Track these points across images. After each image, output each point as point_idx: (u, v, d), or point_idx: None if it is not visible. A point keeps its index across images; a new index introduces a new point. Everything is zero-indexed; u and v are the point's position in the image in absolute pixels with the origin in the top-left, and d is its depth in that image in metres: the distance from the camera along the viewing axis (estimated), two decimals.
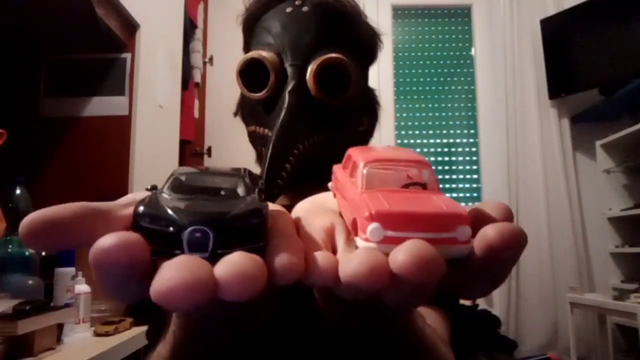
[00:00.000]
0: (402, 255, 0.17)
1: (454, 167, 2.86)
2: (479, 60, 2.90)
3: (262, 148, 0.53)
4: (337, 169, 0.29)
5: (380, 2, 2.87)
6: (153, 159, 1.63)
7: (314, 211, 0.27)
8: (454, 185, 2.84)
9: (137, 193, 0.26)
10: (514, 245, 0.19)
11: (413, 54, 2.97)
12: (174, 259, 0.17)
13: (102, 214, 0.22)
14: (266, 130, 0.53)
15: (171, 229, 0.18)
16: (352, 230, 0.21)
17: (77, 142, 1.45)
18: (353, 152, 0.26)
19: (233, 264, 0.17)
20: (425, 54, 2.98)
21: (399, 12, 2.99)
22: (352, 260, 0.18)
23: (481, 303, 2.61)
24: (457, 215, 0.19)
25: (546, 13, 2.71)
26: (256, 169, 0.64)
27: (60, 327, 0.89)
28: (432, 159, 2.88)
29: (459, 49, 2.97)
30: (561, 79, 2.62)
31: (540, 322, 2.51)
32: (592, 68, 2.50)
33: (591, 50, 2.52)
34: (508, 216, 0.22)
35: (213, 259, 0.18)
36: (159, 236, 0.19)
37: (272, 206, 0.28)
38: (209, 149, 2.67)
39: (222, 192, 0.21)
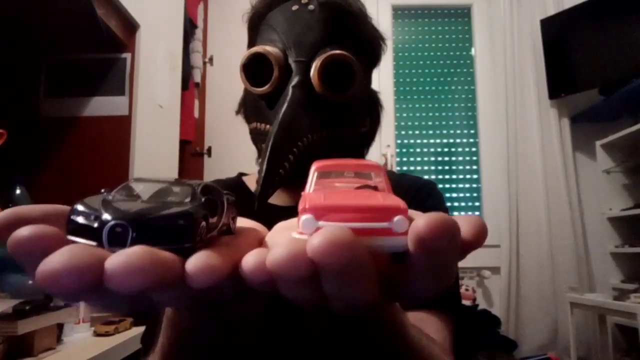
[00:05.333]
0: (317, 239, 0.17)
1: (454, 167, 2.86)
2: (479, 60, 2.90)
3: (263, 145, 0.52)
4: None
5: (380, 2, 2.87)
6: (153, 159, 1.63)
7: (283, 227, 0.27)
8: (454, 185, 2.84)
9: None
10: (442, 235, 0.18)
11: (413, 54, 2.97)
12: (67, 245, 0.18)
13: None
14: (267, 126, 0.53)
15: (96, 224, 0.19)
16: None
17: (77, 142, 1.45)
18: (314, 162, 0.26)
19: (123, 255, 0.17)
20: (425, 54, 2.98)
21: (399, 12, 2.99)
22: (275, 250, 0.18)
23: (481, 303, 2.61)
24: (393, 207, 0.19)
25: (546, 13, 2.71)
26: (257, 169, 0.64)
27: (60, 327, 0.89)
28: (432, 159, 2.88)
29: (459, 49, 2.97)
30: (561, 79, 2.62)
31: (540, 322, 2.51)
32: (592, 68, 2.50)
33: (591, 50, 2.52)
34: (478, 229, 0.21)
35: None
36: (87, 231, 0.19)
37: (250, 224, 0.28)
38: (209, 149, 2.68)
39: (170, 199, 0.21)
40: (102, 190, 0.22)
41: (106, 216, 0.19)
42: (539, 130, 2.67)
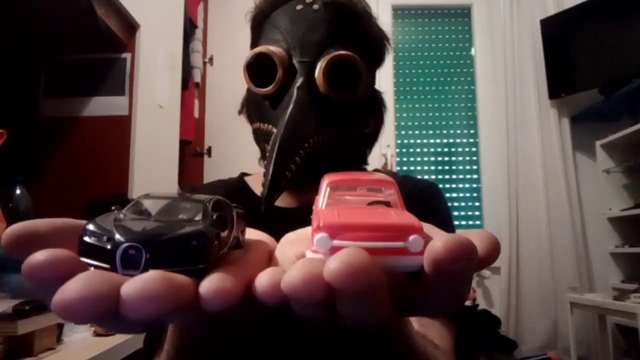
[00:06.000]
0: (335, 263, 0.17)
1: (454, 167, 2.86)
2: (479, 60, 2.90)
3: (266, 145, 0.52)
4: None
5: (380, 2, 2.87)
6: (153, 159, 1.63)
7: (292, 240, 0.26)
8: (454, 185, 2.84)
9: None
10: (460, 258, 0.18)
11: (413, 54, 2.97)
12: (83, 273, 0.17)
13: (79, 230, 0.23)
14: (270, 127, 0.52)
15: (109, 245, 0.19)
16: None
17: (77, 142, 1.45)
18: (325, 176, 0.26)
19: (139, 281, 0.17)
20: (425, 54, 2.98)
21: (399, 12, 2.99)
22: (290, 272, 0.18)
23: (481, 303, 2.61)
24: (408, 226, 0.19)
25: (546, 13, 2.71)
26: (259, 169, 0.64)
27: (60, 327, 0.89)
28: (432, 159, 2.88)
29: (459, 49, 2.97)
30: (561, 79, 2.62)
31: (540, 322, 2.52)
32: (592, 68, 2.50)
33: (591, 50, 2.52)
34: (492, 246, 0.21)
35: None
36: (100, 252, 0.19)
37: (258, 235, 0.28)
38: (209, 149, 2.67)
39: (181, 216, 0.21)
40: (113, 208, 0.22)
41: (119, 237, 0.19)
42: (539, 130, 2.67)
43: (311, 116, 0.49)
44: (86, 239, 0.19)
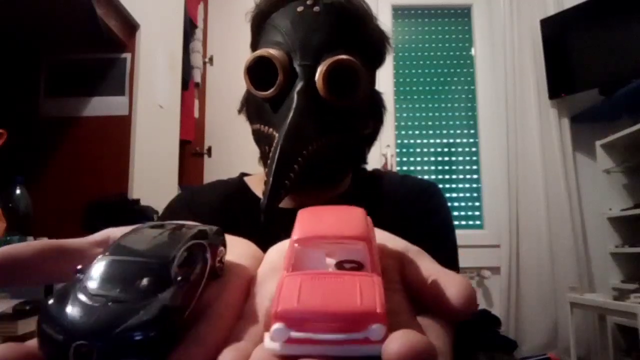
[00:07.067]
0: None
1: (454, 167, 2.86)
2: (479, 60, 2.90)
3: (267, 147, 0.52)
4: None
5: (380, 2, 2.87)
6: (153, 159, 1.63)
7: (274, 270, 0.25)
8: (454, 185, 2.84)
9: (112, 229, 0.26)
10: None
11: (413, 54, 2.97)
12: None
13: (68, 252, 0.23)
14: (271, 130, 0.52)
15: (61, 339, 0.19)
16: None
17: (77, 142, 1.45)
18: (299, 217, 0.25)
19: None
20: (425, 54, 2.98)
21: (399, 12, 2.99)
22: None
23: (481, 303, 2.61)
24: (369, 314, 0.18)
25: (546, 13, 2.71)
26: (258, 169, 0.64)
27: None
28: (432, 159, 2.89)
29: (459, 49, 2.97)
30: (561, 79, 2.62)
31: (540, 322, 2.51)
32: (592, 68, 2.50)
33: (591, 50, 2.52)
34: (465, 298, 0.21)
35: None
36: (55, 344, 0.19)
37: (240, 253, 0.27)
38: (209, 149, 2.68)
39: (143, 282, 0.20)
40: (78, 275, 0.21)
41: (70, 331, 0.19)
42: (539, 130, 2.67)
43: (311, 121, 0.49)
44: (44, 326, 0.19)
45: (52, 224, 1.28)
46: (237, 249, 0.27)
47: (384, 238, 0.26)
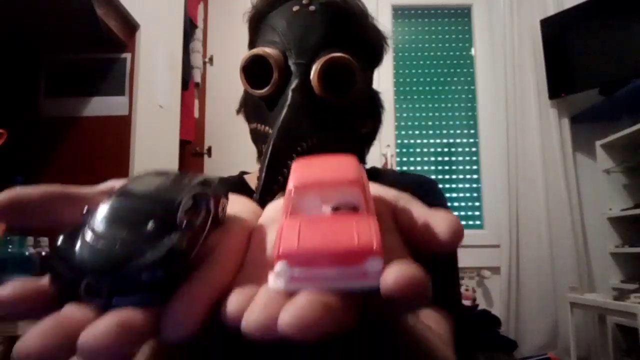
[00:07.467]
0: (287, 317, 0.17)
1: (454, 167, 2.86)
2: (479, 60, 2.90)
3: (263, 145, 0.52)
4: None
5: (380, 2, 2.87)
6: (153, 159, 1.63)
7: (273, 220, 0.26)
8: (454, 185, 2.84)
9: (116, 180, 0.27)
10: (410, 294, 0.18)
11: (413, 54, 2.97)
12: (40, 324, 0.18)
13: (73, 198, 0.24)
14: (267, 128, 0.53)
15: (73, 275, 0.19)
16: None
17: (77, 142, 1.45)
18: (294, 167, 0.26)
19: (94, 331, 0.17)
20: (425, 54, 2.98)
21: (399, 12, 2.99)
22: (249, 314, 0.18)
23: (481, 303, 2.61)
24: (367, 249, 0.19)
25: (546, 13, 2.71)
26: (258, 168, 0.64)
27: None
28: (432, 159, 2.89)
29: (459, 49, 2.97)
30: (561, 79, 2.62)
31: (540, 322, 2.51)
32: (592, 68, 2.50)
33: (591, 50, 2.52)
34: (454, 233, 0.22)
35: (110, 307, 0.18)
36: (66, 280, 0.20)
37: (240, 207, 0.28)
38: (209, 149, 2.68)
39: (149, 225, 0.21)
40: (84, 211, 0.22)
41: (81, 268, 0.19)
42: (539, 130, 2.67)
43: (305, 118, 0.50)
44: (53, 264, 0.20)
45: None
46: (237, 205, 0.28)
47: (377, 189, 0.28)
